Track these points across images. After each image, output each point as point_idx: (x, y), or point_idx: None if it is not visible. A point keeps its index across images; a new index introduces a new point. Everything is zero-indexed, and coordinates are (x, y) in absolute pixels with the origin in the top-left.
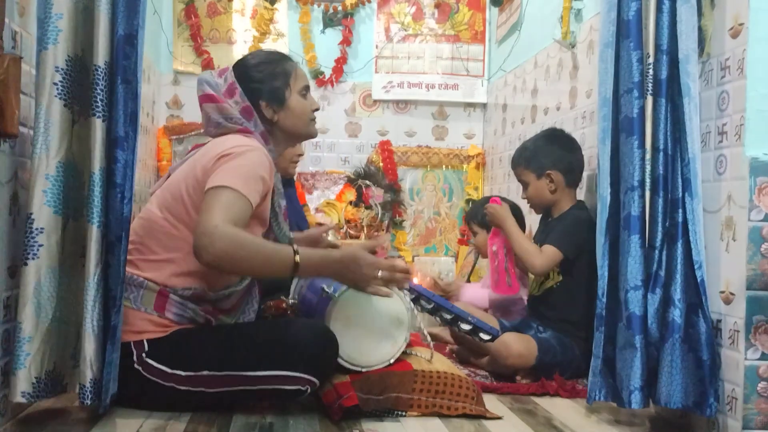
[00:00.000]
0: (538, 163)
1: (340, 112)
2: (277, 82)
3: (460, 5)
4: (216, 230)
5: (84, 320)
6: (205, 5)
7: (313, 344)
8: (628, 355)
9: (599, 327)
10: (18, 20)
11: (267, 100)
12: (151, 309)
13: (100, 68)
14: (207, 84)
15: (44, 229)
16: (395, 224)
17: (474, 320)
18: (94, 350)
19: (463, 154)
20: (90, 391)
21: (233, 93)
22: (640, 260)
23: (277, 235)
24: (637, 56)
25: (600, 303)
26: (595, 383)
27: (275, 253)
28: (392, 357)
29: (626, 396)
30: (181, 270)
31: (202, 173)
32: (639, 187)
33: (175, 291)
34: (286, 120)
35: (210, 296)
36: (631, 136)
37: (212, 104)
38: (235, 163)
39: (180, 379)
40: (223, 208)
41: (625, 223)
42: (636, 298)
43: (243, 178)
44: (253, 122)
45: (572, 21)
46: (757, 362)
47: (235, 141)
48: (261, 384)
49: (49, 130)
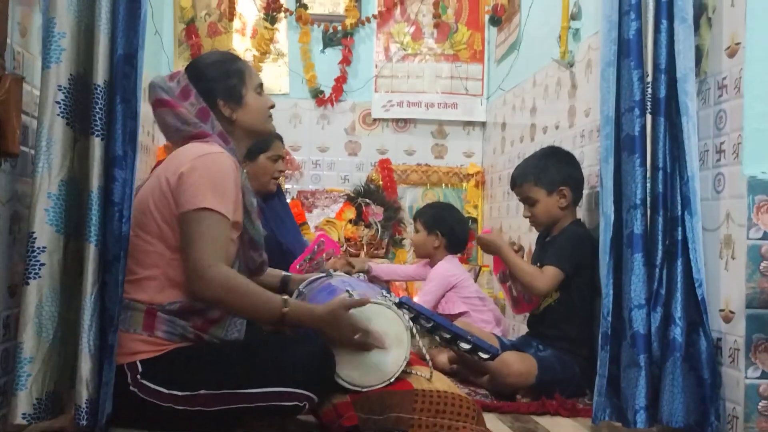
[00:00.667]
0: (550, 179)
1: (339, 131)
2: (232, 80)
3: (459, 25)
4: (209, 274)
5: (80, 340)
6: (206, 25)
7: (310, 359)
8: (633, 374)
9: (604, 346)
10: (20, 40)
11: (224, 99)
12: (140, 329)
13: (100, 87)
14: (159, 88)
15: (46, 248)
16: (395, 242)
17: (473, 339)
18: (90, 370)
19: (463, 173)
20: (86, 412)
21: (188, 95)
22: (643, 279)
23: (251, 233)
24: (638, 75)
25: (605, 322)
26: (600, 403)
27: (265, 301)
28: (392, 376)
29: (631, 415)
30: (163, 285)
31: (167, 185)
32: (641, 205)
33: (162, 307)
34: (245, 117)
35: (197, 306)
36: (633, 154)
37: (167, 109)
38: (202, 177)
39: (177, 399)
40: (209, 241)
41: (628, 242)
42: (640, 316)
43: (214, 192)
44: (209, 124)
45: (570, 40)
46: (758, 381)
47: (194, 151)
48: (259, 401)
49: (51, 148)
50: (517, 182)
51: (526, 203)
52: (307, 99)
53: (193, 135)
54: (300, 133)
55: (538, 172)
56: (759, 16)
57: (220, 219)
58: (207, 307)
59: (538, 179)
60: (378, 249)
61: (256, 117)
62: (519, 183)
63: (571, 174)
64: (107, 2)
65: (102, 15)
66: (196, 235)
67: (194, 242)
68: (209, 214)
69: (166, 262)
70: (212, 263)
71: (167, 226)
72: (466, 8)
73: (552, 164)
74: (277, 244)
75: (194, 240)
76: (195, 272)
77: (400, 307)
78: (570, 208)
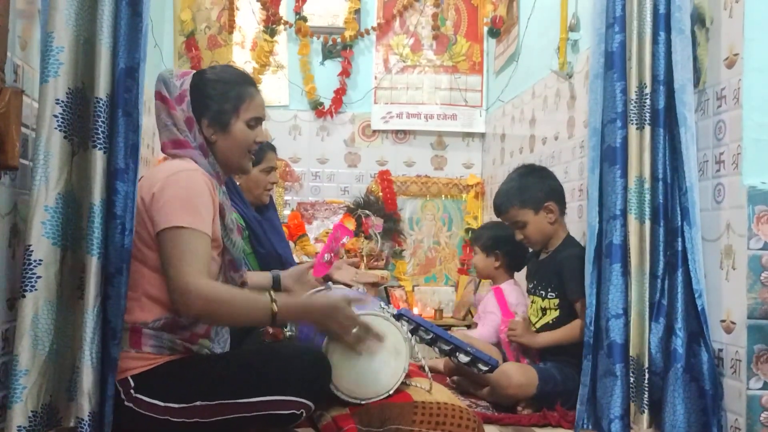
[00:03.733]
0: (534, 198)
1: (339, 143)
2: (226, 105)
3: (458, 36)
4: (190, 288)
5: (83, 353)
6: (206, 38)
7: (305, 367)
8: (609, 383)
9: (587, 355)
10: (20, 53)
11: (209, 120)
12: (127, 346)
13: (102, 100)
14: (164, 84)
15: (42, 261)
16: (395, 254)
17: (473, 351)
18: (92, 383)
19: (462, 184)
20: (88, 425)
21: (182, 100)
22: (621, 288)
23: (231, 252)
24: (620, 87)
25: (588, 331)
26: (582, 411)
27: (253, 304)
28: (391, 388)
29: (606, 425)
30: (145, 304)
31: (142, 205)
32: (621, 215)
33: (146, 325)
34: (224, 145)
35: (182, 322)
36: (614, 165)
37: (163, 105)
38: (173, 195)
39: (174, 411)
40: (187, 257)
41: (607, 251)
42: (617, 326)
43: (186, 209)
44: (193, 134)
45: (569, 52)
46: (760, 392)
47: (167, 169)
48: (255, 410)
49: (48, 161)
50: (502, 209)
51: (515, 227)
52: (306, 111)
53: (175, 140)
54: (299, 145)
55: (521, 193)
56: (757, 27)
57: (195, 234)
58: (191, 323)
59: (522, 201)
60: (378, 260)
61: (235, 150)
62: (504, 209)
63: (553, 187)
64: (109, 16)
65: (104, 29)
66: (172, 253)
67: (171, 261)
68: (183, 232)
69: (145, 281)
70: (191, 279)
71: (144, 246)
72: (465, 20)
73: (531, 183)
74: (276, 257)
75: (171, 259)
76: (177, 291)
77: (399, 318)
78: (559, 221)
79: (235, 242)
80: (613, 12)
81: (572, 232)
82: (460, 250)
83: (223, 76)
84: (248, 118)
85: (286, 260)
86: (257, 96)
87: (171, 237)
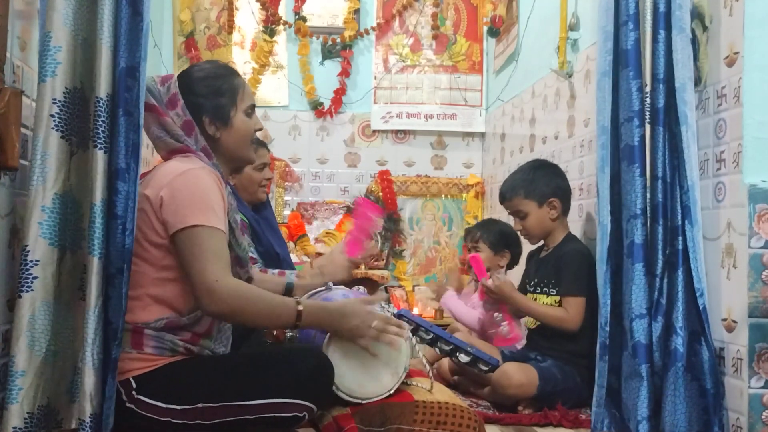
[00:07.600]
0: (540, 191)
1: (339, 143)
2: (222, 99)
3: (458, 36)
4: (217, 286)
5: (84, 353)
6: (205, 38)
7: (308, 369)
8: (635, 384)
9: (603, 356)
10: (19, 54)
11: (210, 117)
12: (129, 348)
13: (102, 100)
14: (149, 92)
15: (39, 261)
16: (395, 254)
17: (473, 350)
18: (94, 384)
19: (462, 184)
20: (90, 426)
21: (175, 104)
22: (644, 288)
23: (236, 251)
24: (636, 85)
25: (603, 332)
26: (599, 414)
27: (279, 302)
28: (392, 387)
29: (633, 426)
30: (147, 304)
31: (148, 205)
32: (642, 214)
33: (148, 325)
34: (229, 139)
35: (183, 322)
36: (633, 164)
37: (153, 115)
38: (183, 195)
39: (176, 413)
40: (209, 255)
41: (629, 251)
42: (641, 326)
43: (199, 208)
44: (193, 138)
45: (569, 51)
46: (761, 390)
47: (173, 169)
48: (257, 413)
49: (45, 161)
50: (507, 197)
51: (516, 216)
52: (306, 111)
53: (173, 149)
54: (299, 145)
55: (527, 185)
56: (757, 25)
57: (213, 232)
58: (193, 322)
59: (527, 192)
60: (378, 260)
61: (240, 141)
62: (509, 197)
63: (560, 185)
64: (109, 15)
65: (104, 28)
66: (192, 253)
67: (193, 261)
68: (200, 230)
69: (149, 281)
70: (218, 277)
71: (151, 245)
72: (464, 19)
73: (540, 177)
74: (275, 255)
75: (192, 258)
76: (203, 290)
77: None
78: (561, 218)
79: (240, 240)
80: (626, 10)
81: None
82: (461, 249)
83: (210, 72)
84: (245, 108)
85: (284, 259)
86: (246, 84)
87: (189, 236)
